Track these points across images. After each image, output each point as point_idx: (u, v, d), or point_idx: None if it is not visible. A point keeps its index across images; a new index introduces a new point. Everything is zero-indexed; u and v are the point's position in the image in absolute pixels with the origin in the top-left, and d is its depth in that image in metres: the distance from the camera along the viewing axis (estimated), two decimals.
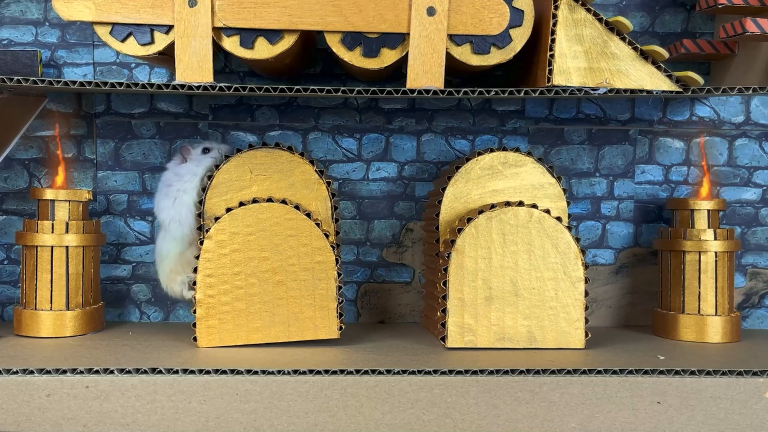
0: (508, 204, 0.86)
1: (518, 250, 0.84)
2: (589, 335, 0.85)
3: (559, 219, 0.85)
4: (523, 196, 0.89)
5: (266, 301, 0.83)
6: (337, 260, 0.84)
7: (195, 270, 0.83)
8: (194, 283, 0.83)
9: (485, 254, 0.84)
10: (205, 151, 0.91)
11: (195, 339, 0.83)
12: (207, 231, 0.83)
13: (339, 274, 0.84)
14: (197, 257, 0.83)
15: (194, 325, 0.83)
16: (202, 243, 0.83)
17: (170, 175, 0.90)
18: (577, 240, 0.85)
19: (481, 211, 0.85)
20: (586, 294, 0.85)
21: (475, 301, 0.84)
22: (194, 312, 0.83)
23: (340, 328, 0.84)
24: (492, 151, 0.89)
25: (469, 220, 0.85)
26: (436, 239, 0.89)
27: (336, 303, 0.84)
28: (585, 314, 0.85)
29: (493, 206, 0.86)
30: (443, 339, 0.85)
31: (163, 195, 0.90)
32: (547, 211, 0.85)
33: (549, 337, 0.85)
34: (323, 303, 0.84)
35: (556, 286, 0.85)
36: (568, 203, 0.90)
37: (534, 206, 0.85)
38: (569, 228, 0.85)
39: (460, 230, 0.84)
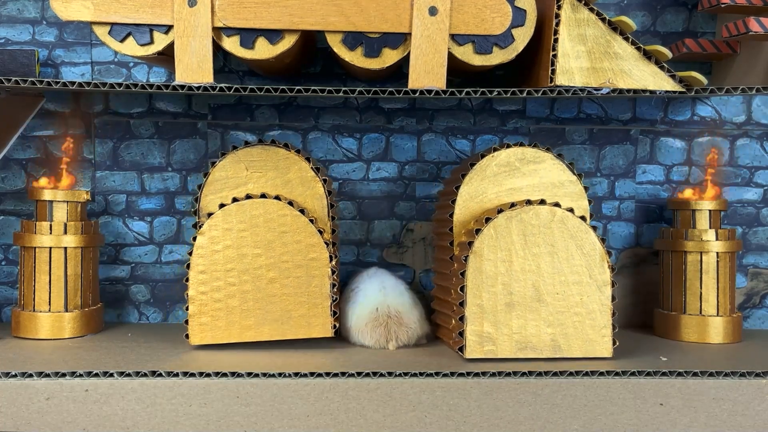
0: (529, 202, 0.80)
1: (540, 252, 0.79)
2: (617, 343, 0.80)
3: (582, 218, 0.80)
4: (543, 194, 0.84)
5: (259, 299, 0.82)
6: (331, 257, 0.83)
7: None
8: None
9: (505, 257, 0.79)
10: None
11: (187, 336, 0.82)
12: (201, 228, 0.83)
13: (333, 271, 0.83)
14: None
15: (186, 322, 0.82)
16: (195, 240, 0.83)
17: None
18: (603, 241, 0.80)
19: (500, 211, 0.79)
20: (614, 299, 0.80)
21: (495, 307, 0.78)
22: (186, 309, 0.82)
23: (334, 326, 0.83)
24: (509, 146, 0.85)
25: (488, 220, 0.79)
26: (450, 241, 0.84)
27: (330, 301, 0.83)
28: (612, 320, 0.79)
29: (512, 205, 0.80)
30: (461, 349, 0.79)
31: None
32: (571, 210, 0.80)
33: (574, 346, 0.79)
34: (317, 301, 0.83)
35: (581, 291, 0.79)
36: (590, 202, 0.85)
37: (557, 205, 0.80)
38: (594, 228, 0.80)
39: (477, 231, 0.79)
